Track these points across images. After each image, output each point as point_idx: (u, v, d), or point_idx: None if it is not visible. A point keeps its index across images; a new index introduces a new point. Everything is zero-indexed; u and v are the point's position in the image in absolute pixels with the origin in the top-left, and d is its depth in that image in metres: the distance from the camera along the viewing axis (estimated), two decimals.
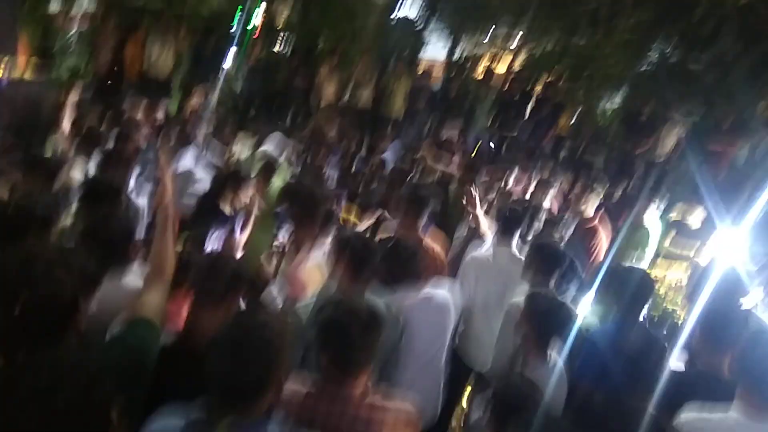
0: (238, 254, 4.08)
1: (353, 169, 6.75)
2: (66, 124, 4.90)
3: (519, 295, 3.27)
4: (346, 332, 2.03)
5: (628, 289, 3.18)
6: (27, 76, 5.81)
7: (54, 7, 11.16)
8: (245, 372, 1.67)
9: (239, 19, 11.14)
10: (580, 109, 9.41)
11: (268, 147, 5.75)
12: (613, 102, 9.87)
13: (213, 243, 3.94)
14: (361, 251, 2.86)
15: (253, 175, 4.77)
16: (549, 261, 3.40)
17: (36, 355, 1.44)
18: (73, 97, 4.88)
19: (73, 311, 1.65)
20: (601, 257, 5.05)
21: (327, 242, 3.36)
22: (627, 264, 4.64)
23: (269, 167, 5.11)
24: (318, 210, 3.28)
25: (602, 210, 5.42)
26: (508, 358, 3.05)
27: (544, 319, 2.79)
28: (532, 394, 2.31)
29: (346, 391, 2.06)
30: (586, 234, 5.12)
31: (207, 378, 1.67)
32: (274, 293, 3.02)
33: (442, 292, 3.26)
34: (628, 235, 5.21)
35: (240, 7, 11.32)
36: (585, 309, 3.96)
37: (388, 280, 3.06)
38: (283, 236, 4.01)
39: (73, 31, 12.73)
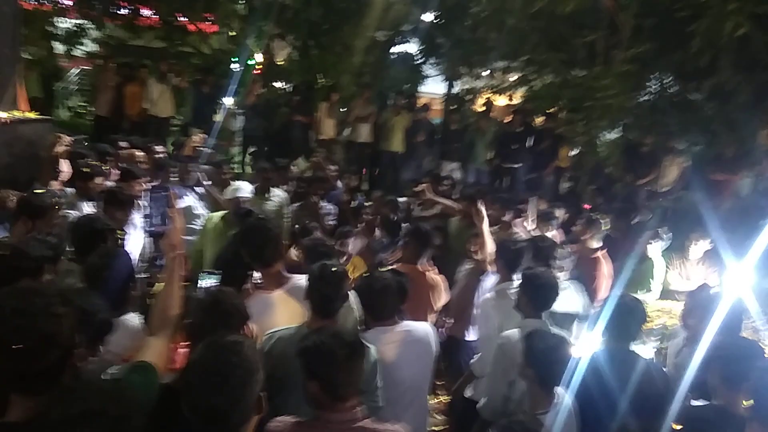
0: None
1: (353, 204, 6.70)
2: (64, 165, 4.87)
3: (511, 328, 3.22)
4: (333, 357, 2.12)
5: (619, 316, 3.13)
6: (27, 115, 5.79)
7: (56, 48, 11.36)
8: (219, 393, 1.69)
9: (239, 57, 11.27)
10: (580, 141, 9.41)
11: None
12: (613, 133, 9.89)
13: None
14: (328, 288, 2.77)
15: None
16: (541, 292, 3.34)
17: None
18: (62, 147, 4.89)
19: (69, 350, 1.59)
20: (602, 289, 4.96)
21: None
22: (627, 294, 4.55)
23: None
24: (275, 248, 3.17)
25: (605, 242, 5.36)
26: (502, 396, 3.00)
27: (547, 359, 2.72)
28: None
29: (338, 416, 2.13)
30: (588, 266, 5.05)
31: (186, 404, 1.70)
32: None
33: (421, 325, 3.22)
34: (633, 267, 5.14)
35: (240, 45, 11.48)
36: (590, 341, 3.89)
37: (367, 318, 3.05)
38: None
39: (74, 71, 12.94)
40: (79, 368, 1.68)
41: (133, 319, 2.71)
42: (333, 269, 2.79)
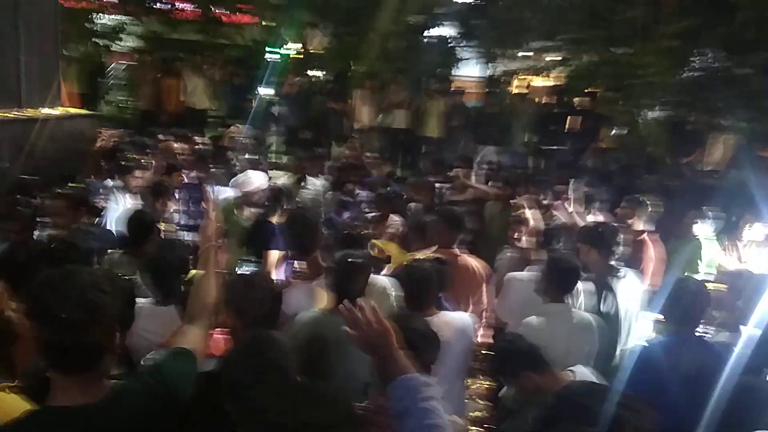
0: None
1: (388, 190, 6.67)
2: (106, 159, 5.00)
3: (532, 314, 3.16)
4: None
5: (682, 301, 3.00)
6: (72, 111, 5.95)
7: (97, 44, 11.62)
8: (258, 389, 1.72)
9: (274, 47, 11.34)
10: (622, 120, 9.17)
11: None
12: (656, 111, 9.60)
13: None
14: (344, 278, 2.79)
15: None
16: (564, 276, 3.26)
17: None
18: (103, 142, 5.01)
19: (112, 330, 1.60)
20: (648, 273, 4.83)
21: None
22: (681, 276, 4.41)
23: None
24: (314, 237, 3.18)
25: (651, 223, 5.21)
26: None
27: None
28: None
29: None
30: (635, 249, 4.91)
31: (226, 396, 1.75)
32: None
33: (460, 315, 3.18)
34: (680, 248, 4.99)
35: (275, 35, 11.54)
36: (642, 324, 3.80)
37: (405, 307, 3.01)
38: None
39: (116, 66, 13.22)
40: (118, 354, 1.71)
41: (170, 308, 2.74)
42: (350, 260, 2.80)
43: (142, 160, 5.24)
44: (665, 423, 2.62)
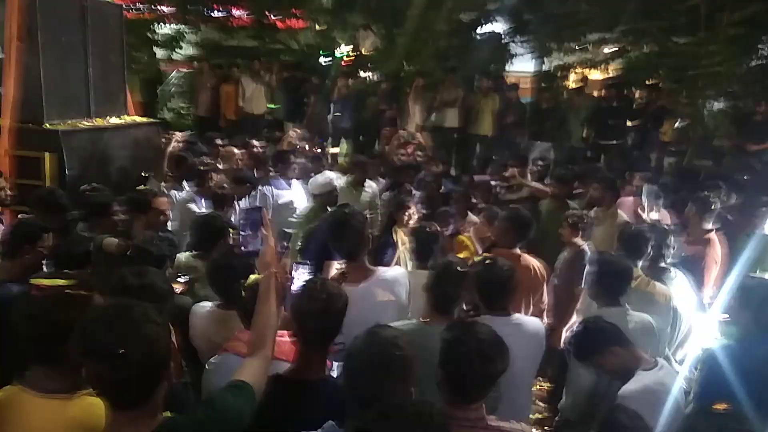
0: None
1: (442, 189, 6.65)
2: (171, 166, 5.17)
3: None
4: (469, 360, 2.07)
5: (755, 301, 2.89)
6: (136, 119, 6.18)
7: (158, 54, 12.04)
8: (383, 384, 1.84)
9: (327, 51, 11.45)
10: (685, 113, 8.83)
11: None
12: (721, 102, 9.21)
13: None
14: (450, 286, 2.76)
15: None
16: (616, 278, 3.18)
17: None
18: (174, 145, 5.16)
19: (166, 361, 1.64)
20: (711, 272, 4.64)
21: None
22: (753, 275, 4.23)
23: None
24: (361, 240, 3.17)
25: (718, 220, 5.01)
26: (585, 393, 2.86)
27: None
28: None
29: (464, 413, 2.08)
30: (699, 248, 4.74)
31: (347, 388, 1.88)
32: None
33: (532, 320, 3.13)
34: (749, 245, 4.78)
35: (328, 38, 11.67)
36: (710, 325, 3.67)
37: (477, 305, 2.98)
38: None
39: (175, 74, 13.66)
40: (173, 384, 1.76)
41: (233, 312, 2.81)
42: (458, 268, 2.78)
43: (214, 164, 5.42)
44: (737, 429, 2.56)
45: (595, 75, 11.57)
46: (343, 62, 11.80)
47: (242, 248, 2.67)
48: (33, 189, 4.75)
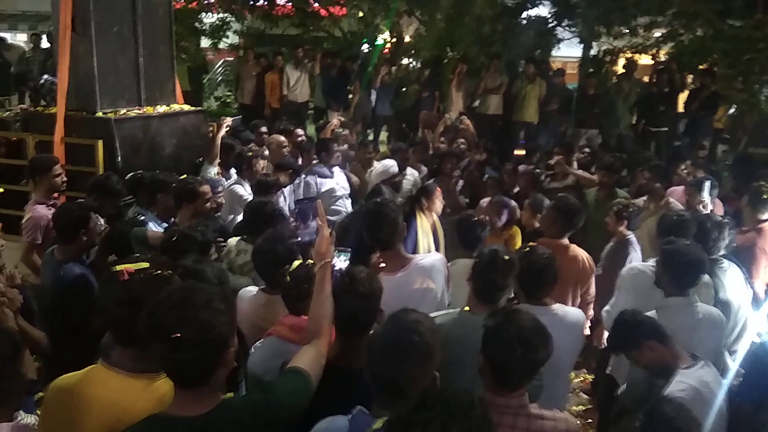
0: None
1: (484, 177, 6.58)
2: (220, 153, 5.25)
3: (649, 309, 3.00)
4: (511, 347, 2.05)
5: None
6: (184, 107, 6.30)
7: (203, 43, 12.25)
8: (400, 369, 1.81)
9: (369, 37, 11.43)
10: (739, 99, 8.51)
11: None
12: None
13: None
14: (496, 275, 2.71)
15: None
16: (687, 269, 3.06)
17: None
18: (223, 131, 5.24)
19: (225, 345, 1.69)
20: (759, 264, 4.45)
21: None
22: None
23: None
24: (395, 229, 3.15)
25: None
26: (644, 381, 2.76)
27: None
28: (689, 424, 2.06)
29: (506, 400, 2.08)
30: (755, 238, 4.56)
31: (368, 373, 1.87)
32: None
33: (573, 310, 3.09)
34: None
35: (370, 25, 11.65)
36: (761, 318, 3.55)
37: (519, 294, 2.95)
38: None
39: (220, 63, 13.86)
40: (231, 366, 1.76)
41: (277, 297, 2.84)
42: (505, 257, 2.75)
43: (261, 151, 5.49)
44: None
45: (644, 60, 11.24)
46: (384, 49, 11.76)
47: (294, 238, 2.69)
48: (86, 175, 4.91)
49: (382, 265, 2.90)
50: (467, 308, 2.75)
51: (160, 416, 1.68)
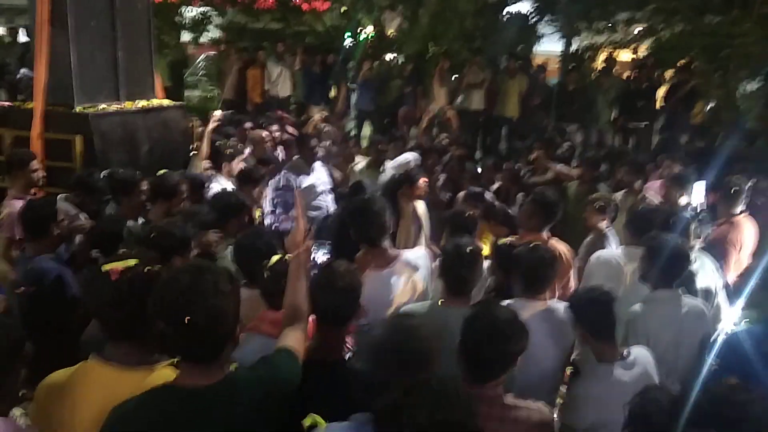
0: None
1: (465, 173, 6.62)
2: (205, 147, 5.24)
3: (635, 301, 3.08)
4: (484, 338, 2.12)
5: None
6: (163, 102, 6.25)
7: (184, 37, 12.12)
8: (392, 371, 1.88)
9: (351, 32, 11.39)
10: (716, 94, 8.61)
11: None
12: (754, 84, 8.95)
13: None
14: (462, 268, 2.77)
15: None
16: (673, 262, 3.12)
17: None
18: (212, 125, 5.23)
19: (233, 324, 1.73)
20: (730, 256, 4.54)
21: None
22: None
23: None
24: (379, 227, 3.17)
25: (749, 204, 4.90)
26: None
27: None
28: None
29: (481, 391, 2.12)
30: (726, 231, 4.64)
31: (370, 379, 1.93)
32: None
33: (563, 306, 3.10)
34: None
35: (352, 19, 11.61)
36: (734, 309, 3.63)
37: (507, 287, 3.01)
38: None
39: (201, 57, 13.74)
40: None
41: (255, 291, 2.85)
42: (468, 249, 2.78)
43: (239, 147, 5.48)
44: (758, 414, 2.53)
45: (623, 56, 11.35)
46: (367, 44, 11.74)
47: (274, 227, 2.70)
48: (64, 171, 4.86)
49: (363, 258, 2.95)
50: (441, 301, 2.78)
51: (167, 386, 1.71)
